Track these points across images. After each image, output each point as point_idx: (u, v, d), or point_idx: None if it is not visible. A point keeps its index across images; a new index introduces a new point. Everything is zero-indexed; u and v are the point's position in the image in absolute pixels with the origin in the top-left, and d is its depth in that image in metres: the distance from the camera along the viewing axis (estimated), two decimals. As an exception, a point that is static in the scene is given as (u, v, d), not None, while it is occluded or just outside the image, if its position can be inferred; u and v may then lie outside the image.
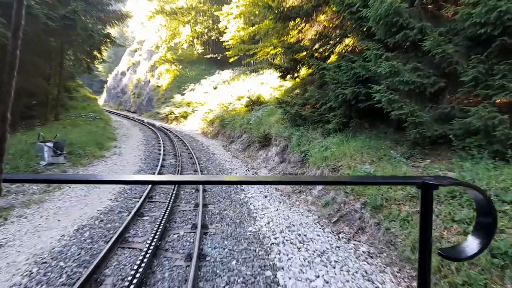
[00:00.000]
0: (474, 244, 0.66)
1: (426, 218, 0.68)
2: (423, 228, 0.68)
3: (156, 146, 12.80)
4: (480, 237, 0.67)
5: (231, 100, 20.63)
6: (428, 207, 0.68)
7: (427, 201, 0.68)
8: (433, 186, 0.66)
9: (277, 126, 10.12)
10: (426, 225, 0.68)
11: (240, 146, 12.71)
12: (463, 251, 0.67)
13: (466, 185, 0.67)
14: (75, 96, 23.01)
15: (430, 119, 5.46)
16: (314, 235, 4.68)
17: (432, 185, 0.66)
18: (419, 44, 5.64)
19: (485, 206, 0.66)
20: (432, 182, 0.66)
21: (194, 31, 36.61)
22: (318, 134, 8.55)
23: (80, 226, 4.51)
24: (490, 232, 0.66)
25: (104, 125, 16.23)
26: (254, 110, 14.59)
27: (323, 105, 8.39)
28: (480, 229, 0.67)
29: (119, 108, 39.33)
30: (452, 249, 0.71)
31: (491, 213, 0.65)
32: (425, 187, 0.67)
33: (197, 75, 33.28)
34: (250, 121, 13.05)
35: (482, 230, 0.67)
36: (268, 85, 19.04)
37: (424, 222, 0.68)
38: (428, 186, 0.66)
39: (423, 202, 0.68)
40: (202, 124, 20.70)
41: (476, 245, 0.66)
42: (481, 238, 0.66)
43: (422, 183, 0.67)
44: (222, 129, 16.85)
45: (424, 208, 0.68)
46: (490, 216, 0.65)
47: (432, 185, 0.66)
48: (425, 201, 0.68)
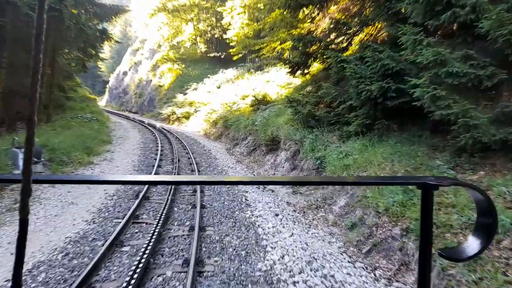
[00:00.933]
0: (475, 244, 0.66)
1: (426, 219, 0.67)
2: (424, 228, 0.68)
3: (153, 149, 11.75)
4: (480, 237, 0.66)
5: (235, 100, 19.54)
6: (429, 208, 0.67)
7: (428, 201, 0.67)
8: (433, 186, 0.66)
9: (287, 127, 8.99)
10: (427, 225, 0.67)
11: (245, 149, 11.60)
12: (463, 251, 0.67)
13: (466, 185, 0.68)
14: (72, 96, 22.18)
15: (487, 120, 4.29)
16: (344, 275, 3.54)
17: (432, 185, 0.66)
18: (469, 27, 4.48)
19: (486, 207, 0.65)
20: (432, 183, 0.66)
21: (197, 29, 35.56)
22: (335, 137, 7.40)
23: (36, 264, 3.42)
24: (490, 232, 0.66)
25: (100, 126, 15.22)
26: (260, 110, 13.48)
27: (341, 104, 7.23)
28: (481, 229, 0.67)
29: (121, 108, 38.45)
30: (452, 249, 0.73)
31: (491, 213, 0.65)
32: (425, 188, 0.67)
33: (200, 74, 32.27)
34: (256, 122, 11.93)
35: (482, 230, 0.67)
36: (275, 83, 17.89)
37: (425, 222, 0.67)
38: (428, 186, 0.66)
39: (424, 203, 0.67)
40: (204, 125, 19.63)
41: (477, 246, 0.65)
42: (482, 238, 0.66)
43: (423, 183, 0.67)
44: (225, 130, 15.75)
45: (424, 209, 0.67)
46: (491, 217, 0.65)
47: (433, 185, 0.66)
48: (426, 202, 0.67)
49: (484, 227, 0.66)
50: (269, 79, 19.48)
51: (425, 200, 0.67)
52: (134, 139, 14.34)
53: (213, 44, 35.98)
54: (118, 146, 12.11)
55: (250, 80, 23.20)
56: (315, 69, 9.99)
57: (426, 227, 0.67)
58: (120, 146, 12.05)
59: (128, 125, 21.03)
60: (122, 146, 12.06)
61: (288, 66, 9.63)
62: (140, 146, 12.42)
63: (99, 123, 16.07)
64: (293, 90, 13.16)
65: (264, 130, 10.83)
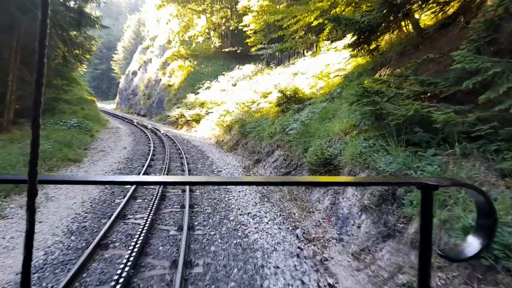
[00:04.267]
0: (474, 244, 0.64)
1: (426, 219, 0.66)
2: (424, 228, 0.66)
3: (138, 170, 7.98)
4: (480, 237, 0.65)
5: (254, 98, 15.57)
6: (429, 208, 0.66)
7: (428, 202, 0.65)
8: (433, 187, 0.65)
9: (355, 142, 4.89)
10: (427, 225, 0.66)
11: (272, 171, 7.59)
12: (463, 251, 0.65)
13: (466, 186, 0.66)
14: (66, 98, 19.01)
15: None
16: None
17: (432, 186, 0.65)
18: None
19: (486, 207, 0.64)
20: (432, 183, 0.65)
21: (210, 22, 31.90)
22: (491, 172, 3.25)
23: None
24: (490, 232, 0.64)
25: (80, 135, 11.66)
26: (292, 110, 9.41)
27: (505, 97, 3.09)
28: (481, 229, 0.65)
29: (130, 111, 35.39)
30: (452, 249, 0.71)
31: (491, 214, 0.63)
32: (425, 188, 0.65)
33: (214, 72, 28.56)
34: (289, 129, 7.88)
35: (482, 230, 0.65)
36: (306, 75, 13.76)
37: (425, 222, 0.66)
38: (428, 187, 0.65)
39: (424, 203, 0.66)
40: (217, 130, 15.78)
41: (476, 246, 0.64)
42: (481, 238, 0.64)
43: (423, 184, 0.65)
44: (242, 138, 11.82)
45: (424, 209, 0.66)
46: (491, 217, 0.64)
47: (432, 186, 0.65)
48: (426, 202, 0.65)
49: (484, 228, 0.65)
50: (297, 71, 15.37)
51: (425, 200, 0.65)
52: (121, 152, 10.63)
53: (228, 38, 32.21)
54: (90, 165, 8.40)
55: (272, 76, 19.20)
56: (393, 39, 5.85)
57: (426, 227, 0.66)
58: (92, 166, 8.34)
59: (126, 131, 17.49)
60: (94, 166, 8.33)
61: (354, 32, 5.52)
62: (123, 163, 8.68)
63: (81, 131, 12.53)
64: (340, 80, 8.99)
65: (303, 143, 6.79)
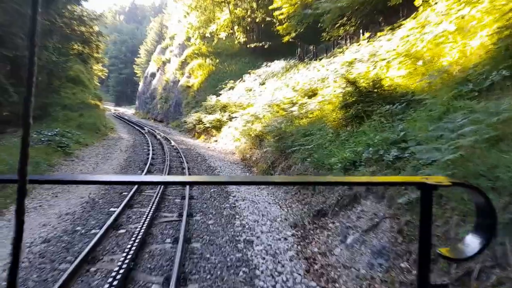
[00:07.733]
0: (474, 244, 0.64)
1: (426, 219, 0.65)
2: (423, 228, 0.65)
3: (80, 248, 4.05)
4: (479, 237, 0.64)
5: (292, 97, 11.33)
6: (428, 208, 0.65)
7: (427, 201, 0.65)
8: (432, 186, 0.64)
9: None
10: (426, 225, 0.65)
11: (371, 257, 3.33)
12: (462, 251, 0.65)
13: (466, 185, 0.66)
14: (60, 102, 15.96)
15: None
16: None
17: (431, 185, 0.64)
18: None
19: (485, 207, 0.63)
20: (431, 183, 0.64)
21: (234, 14, 28.18)
22: None
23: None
24: (490, 232, 0.64)
25: (46, 155, 8.08)
26: (379, 114, 5.07)
27: None
28: (480, 229, 0.65)
29: (147, 116, 32.40)
30: (451, 249, 0.71)
31: (491, 213, 0.63)
32: (424, 188, 0.64)
33: (239, 70, 24.69)
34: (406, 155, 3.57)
35: (481, 230, 0.65)
36: (374, 58, 9.30)
37: (424, 222, 0.65)
38: (428, 186, 0.64)
39: (423, 203, 0.65)
40: (242, 141, 11.72)
41: (476, 245, 0.64)
42: (481, 238, 0.64)
43: (422, 183, 0.65)
44: (280, 158, 7.66)
45: (424, 209, 0.65)
46: (490, 217, 0.63)
47: (432, 185, 0.64)
48: (425, 202, 0.65)
49: (484, 227, 0.65)
50: (354, 58, 10.95)
51: (425, 201, 0.65)
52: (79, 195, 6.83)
53: (253, 32, 28.36)
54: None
55: (311, 71, 14.92)
56: None
57: (425, 227, 0.65)
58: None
59: (125, 144, 13.86)
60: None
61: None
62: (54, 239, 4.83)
63: (51, 149, 8.99)
64: (484, 53, 4.51)
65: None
